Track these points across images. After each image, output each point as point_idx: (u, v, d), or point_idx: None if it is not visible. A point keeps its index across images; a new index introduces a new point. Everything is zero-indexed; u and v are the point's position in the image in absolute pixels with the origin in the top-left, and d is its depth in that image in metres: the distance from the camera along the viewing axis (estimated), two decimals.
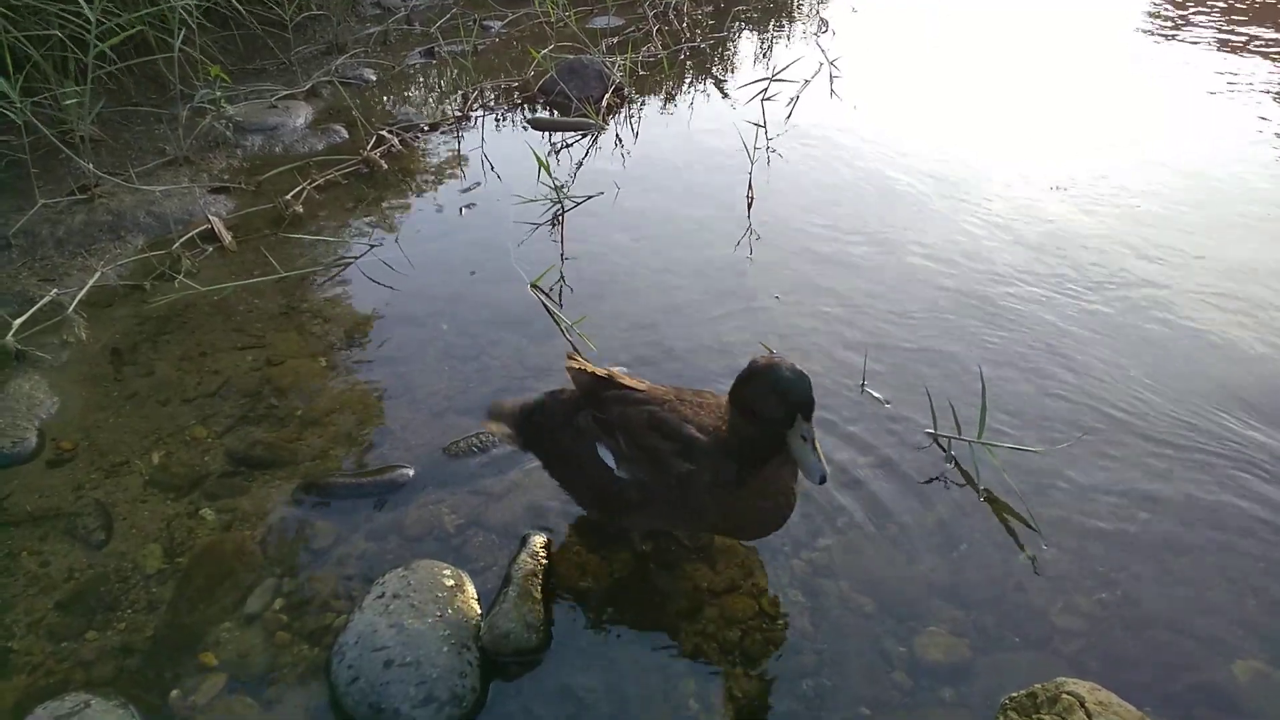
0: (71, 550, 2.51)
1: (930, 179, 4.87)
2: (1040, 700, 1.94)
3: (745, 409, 2.06)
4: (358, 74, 6.17)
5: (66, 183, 4.33)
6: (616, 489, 2.24)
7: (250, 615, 2.32)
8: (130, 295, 3.69)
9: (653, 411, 2.19)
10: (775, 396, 1.95)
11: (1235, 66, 6.87)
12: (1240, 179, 4.94)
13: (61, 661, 2.19)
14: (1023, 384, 3.19)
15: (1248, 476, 2.79)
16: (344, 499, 2.68)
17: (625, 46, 6.60)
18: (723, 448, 2.13)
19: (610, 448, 2.23)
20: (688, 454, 2.14)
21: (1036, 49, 7.76)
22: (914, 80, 6.79)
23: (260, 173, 4.74)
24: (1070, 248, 4.14)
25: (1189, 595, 2.40)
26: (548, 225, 4.34)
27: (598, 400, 2.27)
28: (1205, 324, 3.56)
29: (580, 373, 2.32)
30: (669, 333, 3.48)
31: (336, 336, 3.44)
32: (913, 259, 4.03)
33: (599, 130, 5.55)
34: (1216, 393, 3.16)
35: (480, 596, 2.33)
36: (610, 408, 2.24)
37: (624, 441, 2.20)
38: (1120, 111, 6.07)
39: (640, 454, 2.18)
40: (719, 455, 2.13)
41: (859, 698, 2.14)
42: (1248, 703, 2.13)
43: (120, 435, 2.93)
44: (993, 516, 2.64)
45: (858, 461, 2.84)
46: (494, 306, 3.65)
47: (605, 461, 2.24)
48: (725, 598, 2.39)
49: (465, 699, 2.06)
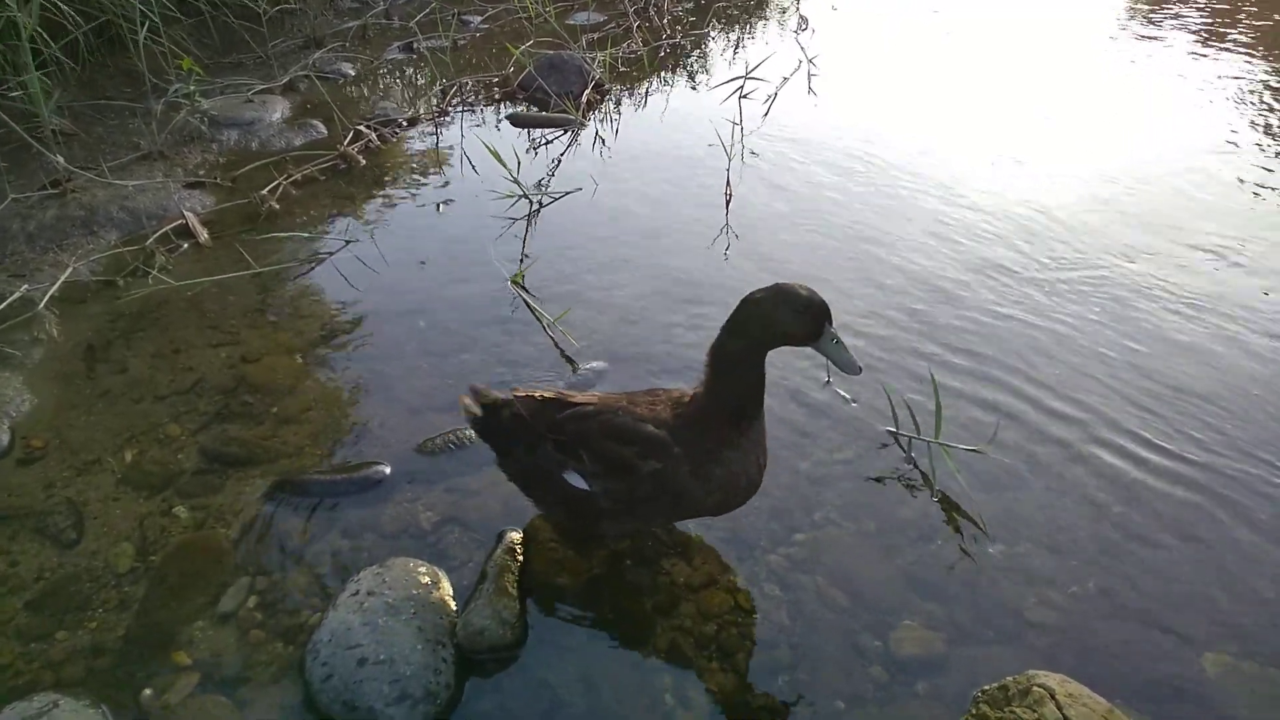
0: (42, 549, 2.48)
1: (906, 176, 4.89)
2: (1012, 693, 1.95)
3: (746, 354, 2.10)
4: (335, 69, 6.13)
5: (38, 177, 4.27)
6: (587, 500, 2.25)
7: (224, 614, 2.31)
8: (103, 291, 3.65)
9: (605, 420, 2.21)
10: (804, 313, 2.07)
11: (1210, 63, 6.94)
12: (1203, 171, 5.00)
13: (31, 662, 2.17)
14: (993, 382, 3.22)
15: (1216, 470, 2.82)
16: (319, 496, 2.66)
17: (605, 42, 6.58)
18: (692, 428, 2.17)
19: (577, 470, 2.25)
20: (652, 452, 2.16)
21: (1014, 46, 7.81)
22: (891, 78, 6.82)
23: (236, 168, 4.69)
24: (1042, 245, 4.17)
25: (1160, 589, 2.43)
26: (525, 222, 4.33)
27: (553, 423, 2.27)
28: (1171, 319, 3.60)
29: (528, 400, 2.32)
30: (648, 328, 3.49)
31: (312, 333, 3.42)
32: (887, 256, 4.05)
33: (579, 126, 5.54)
34: (1183, 387, 3.19)
35: (456, 593, 2.33)
36: (566, 427, 2.25)
37: (588, 458, 2.22)
38: (1095, 106, 6.12)
39: (605, 466, 2.20)
40: (689, 437, 2.16)
41: (834, 691, 2.15)
42: (1217, 695, 2.16)
43: (92, 433, 2.90)
44: (965, 513, 2.66)
45: (832, 458, 2.85)
46: (472, 302, 3.64)
47: (576, 485, 2.25)
48: (702, 593, 2.39)
49: (440, 696, 2.05)
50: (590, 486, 2.23)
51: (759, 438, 2.23)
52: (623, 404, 2.26)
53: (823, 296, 2.10)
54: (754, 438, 2.21)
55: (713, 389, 2.17)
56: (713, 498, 2.21)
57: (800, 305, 2.07)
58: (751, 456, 2.21)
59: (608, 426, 2.20)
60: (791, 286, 2.10)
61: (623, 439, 2.18)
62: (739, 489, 2.24)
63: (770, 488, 2.71)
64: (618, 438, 2.18)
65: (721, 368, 2.13)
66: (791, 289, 2.09)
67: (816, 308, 2.08)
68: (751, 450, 2.21)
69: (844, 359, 2.13)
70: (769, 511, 2.64)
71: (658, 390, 2.36)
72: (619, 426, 2.19)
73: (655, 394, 2.33)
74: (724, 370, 2.13)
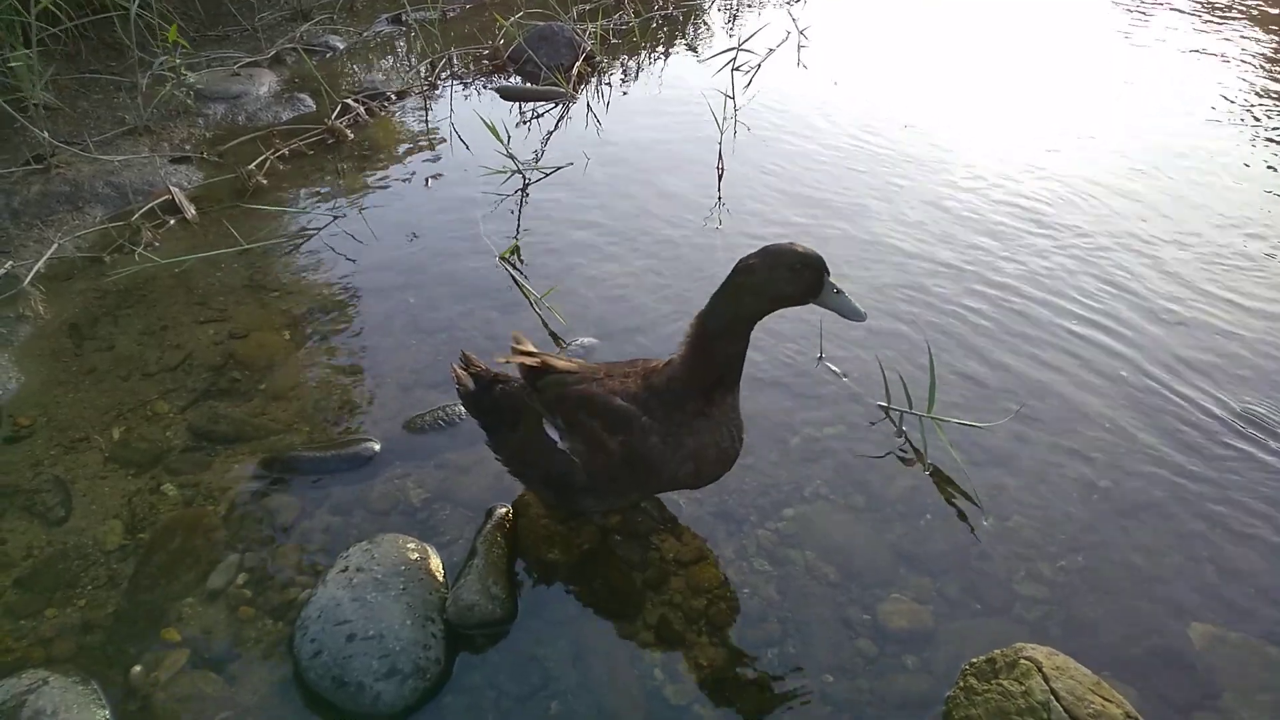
0: (30, 527, 2.47)
1: (896, 149, 4.86)
2: (999, 665, 1.96)
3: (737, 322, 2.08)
4: (323, 41, 6.05)
5: (22, 152, 4.22)
6: (565, 471, 2.25)
7: (213, 591, 2.30)
8: (89, 268, 3.62)
9: (580, 390, 2.20)
10: (802, 271, 2.03)
11: (1209, 44, 6.90)
12: (1208, 154, 4.98)
13: (20, 639, 2.16)
14: (986, 357, 3.21)
15: (1205, 445, 2.83)
16: (308, 473, 2.65)
17: (596, 14, 6.50)
18: (662, 398, 2.15)
19: (554, 424, 2.25)
20: (618, 425, 2.15)
21: (1009, 20, 7.75)
22: (882, 50, 6.76)
23: (223, 142, 4.64)
24: (1037, 218, 4.15)
25: (1147, 562, 2.44)
26: (515, 196, 4.30)
27: (535, 388, 2.28)
28: (1165, 293, 3.59)
29: (518, 361, 2.32)
30: (637, 304, 3.47)
31: (301, 309, 3.40)
32: (878, 230, 4.03)
33: (569, 100, 5.49)
34: (1174, 363, 3.19)
35: (446, 569, 2.33)
36: (546, 393, 2.25)
37: (561, 422, 2.23)
38: (1092, 85, 6.08)
39: (574, 433, 2.21)
40: (658, 407, 2.15)
41: (823, 665, 2.16)
42: (1203, 665, 2.17)
43: (80, 411, 2.88)
44: (957, 487, 2.67)
45: (823, 433, 2.85)
46: (461, 278, 3.62)
47: (551, 436, 2.25)
48: (692, 568, 2.39)
49: (429, 671, 2.05)
50: (561, 442, 2.23)
51: (733, 410, 2.21)
52: (600, 374, 2.25)
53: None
54: (727, 409, 2.19)
55: (692, 358, 2.14)
56: (685, 468, 2.18)
57: (797, 263, 2.03)
58: (724, 428, 2.18)
59: (579, 396, 2.19)
60: (783, 246, 2.05)
61: (590, 410, 2.17)
62: (709, 460, 2.20)
63: (760, 463, 2.71)
64: (586, 409, 2.18)
65: (709, 337, 2.10)
66: (784, 248, 2.05)
67: (813, 262, 2.04)
68: (724, 422, 2.18)
69: (849, 307, 2.09)
70: (759, 487, 2.64)
71: (637, 361, 2.33)
72: (588, 398, 2.18)
73: (634, 364, 2.31)
74: (710, 339, 2.10)
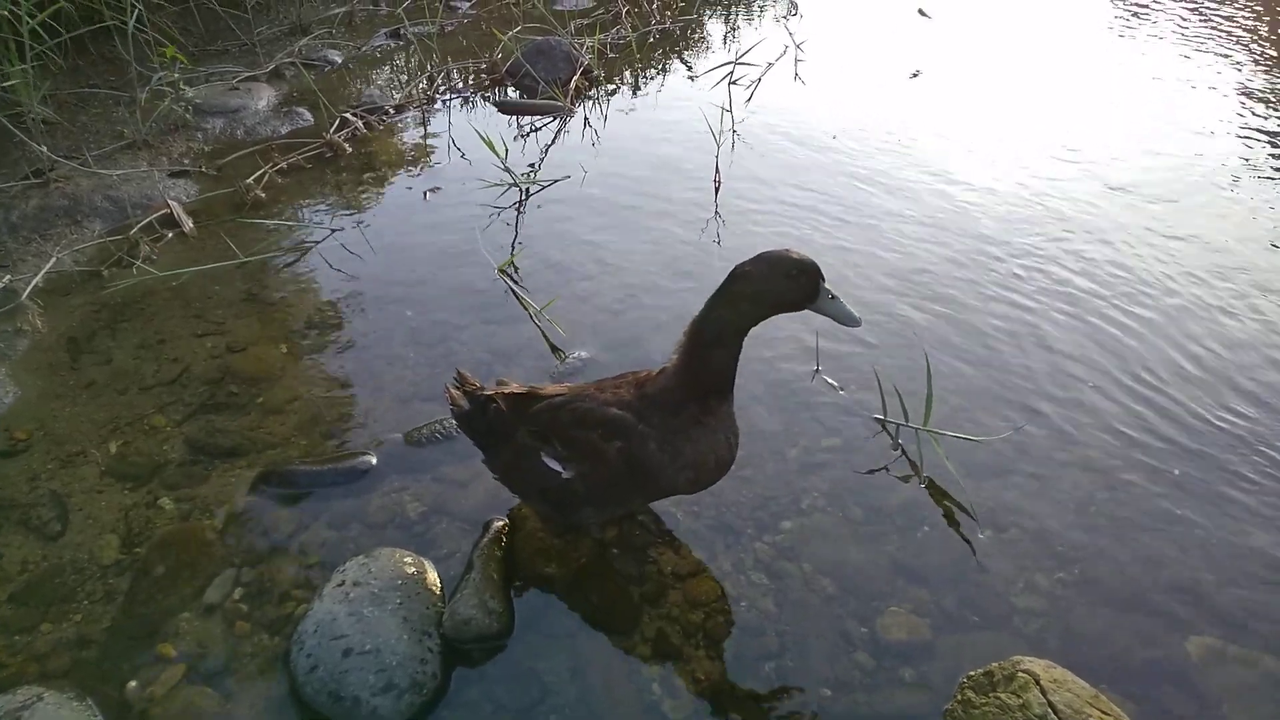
0: (26, 541, 2.47)
1: (892, 161, 4.88)
2: (997, 679, 1.96)
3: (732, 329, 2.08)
4: (321, 55, 6.07)
5: (20, 166, 4.23)
6: (563, 486, 2.25)
7: (210, 605, 2.30)
8: (87, 282, 3.62)
9: (571, 408, 2.21)
10: (798, 277, 2.05)
11: (1199, 54, 6.93)
12: (1209, 162, 5.00)
13: (15, 655, 2.16)
14: (983, 368, 3.22)
15: (1204, 457, 2.83)
16: (305, 487, 2.65)
17: (593, 28, 6.54)
18: (656, 406, 2.17)
19: (553, 454, 2.26)
20: (616, 432, 2.15)
21: (1004, 32, 7.79)
22: (878, 63, 6.78)
23: (221, 156, 4.66)
24: (1032, 232, 4.17)
25: (1145, 574, 2.44)
26: (514, 209, 4.31)
27: (526, 416, 2.28)
28: (1165, 306, 3.61)
29: (505, 396, 2.34)
30: (635, 316, 3.47)
31: (299, 322, 3.40)
32: (878, 242, 4.04)
33: (567, 113, 5.51)
34: (1173, 375, 3.20)
35: (443, 583, 2.32)
36: (539, 419, 2.25)
37: (559, 446, 2.24)
38: (1087, 94, 6.11)
39: (575, 452, 2.21)
40: (653, 414, 2.16)
41: (821, 678, 2.15)
42: (1200, 678, 2.17)
43: (77, 425, 2.88)
44: (954, 500, 2.67)
45: (821, 446, 2.85)
46: (460, 291, 3.62)
47: (552, 468, 2.26)
48: (689, 581, 2.39)
49: (426, 686, 2.05)
50: (565, 471, 2.23)
51: (728, 416, 2.22)
52: (590, 391, 2.26)
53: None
54: (722, 415, 2.20)
55: (687, 366, 2.15)
56: (684, 474, 2.19)
57: (793, 268, 2.04)
58: (719, 434, 2.19)
59: (573, 414, 2.20)
60: (779, 252, 2.06)
61: (586, 424, 2.18)
62: (709, 467, 2.21)
63: (758, 476, 2.71)
64: (582, 423, 2.19)
65: (704, 344, 2.10)
66: (781, 254, 2.06)
67: (809, 268, 2.05)
68: (719, 428, 2.19)
69: (844, 313, 2.11)
70: (756, 499, 2.64)
71: (626, 374, 2.35)
72: (584, 412, 2.19)
73: (624, 377, 2.33)
74: (706, 346, 2.10)
